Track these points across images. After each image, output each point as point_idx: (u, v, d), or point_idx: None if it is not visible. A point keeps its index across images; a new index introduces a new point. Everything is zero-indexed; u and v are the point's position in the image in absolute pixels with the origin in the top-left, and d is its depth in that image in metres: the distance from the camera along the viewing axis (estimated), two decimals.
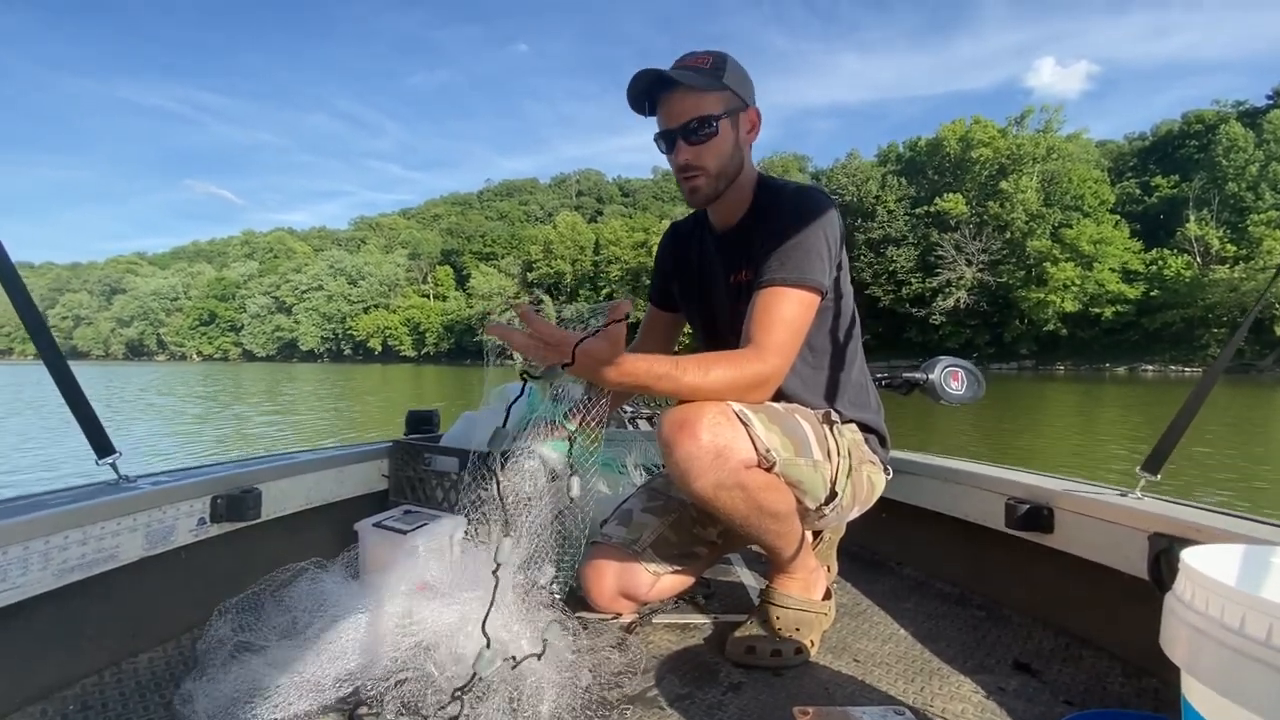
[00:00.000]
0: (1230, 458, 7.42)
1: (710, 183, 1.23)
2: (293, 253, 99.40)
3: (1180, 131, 49.71)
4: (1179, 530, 0.99)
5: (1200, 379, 1.08)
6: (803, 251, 1.16)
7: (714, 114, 1.18)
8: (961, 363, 1.47)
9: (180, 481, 1.19)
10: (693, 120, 1.18)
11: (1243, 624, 0.54)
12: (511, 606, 1.02)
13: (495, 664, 0.92)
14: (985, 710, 1.00)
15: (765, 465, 1.08)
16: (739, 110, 1.22)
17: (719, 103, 1.19)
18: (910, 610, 1.40)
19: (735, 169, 1.24)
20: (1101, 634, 1.20)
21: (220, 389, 22.54)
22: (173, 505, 1.16)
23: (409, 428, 1.85)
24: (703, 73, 1.19)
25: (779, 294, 1.15)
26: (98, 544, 1.03)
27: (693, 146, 1.20)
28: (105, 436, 1.10)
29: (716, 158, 1.21)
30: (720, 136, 1.20)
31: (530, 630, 1.01)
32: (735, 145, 1.22)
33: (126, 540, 1.08)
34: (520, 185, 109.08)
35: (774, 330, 1.13)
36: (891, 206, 50.14)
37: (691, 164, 1.21)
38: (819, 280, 1.16)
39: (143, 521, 1.10)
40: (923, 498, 1.59)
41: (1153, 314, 39.53)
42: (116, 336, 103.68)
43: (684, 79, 1.17)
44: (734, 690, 1.06)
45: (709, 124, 1.18)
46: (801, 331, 1.17)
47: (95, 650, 1.06)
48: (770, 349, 1.12)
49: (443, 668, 0.97)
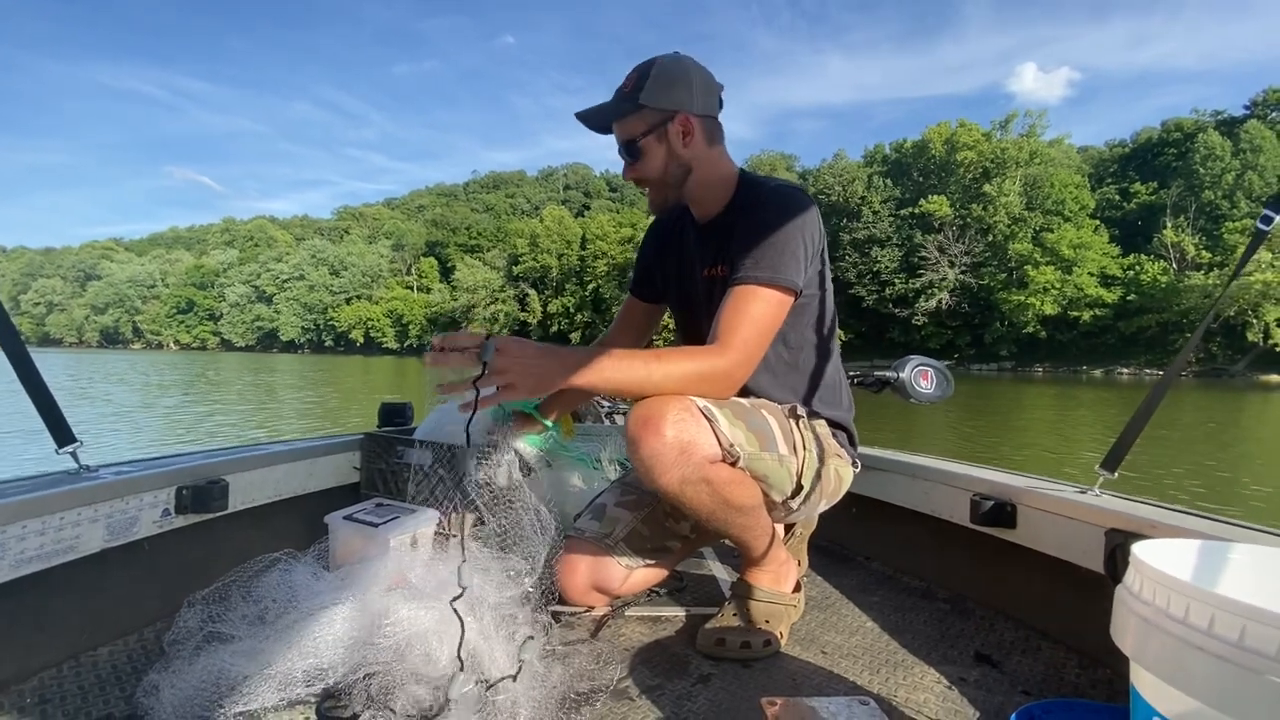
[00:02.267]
0: (1199, 455, 7.61)
1: (657, 193, 1.29)
2: (274, 241, 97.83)
3: (1159, 139, 50.73)
4: (1134, 526, 1.01)
5: (1156, 383, 1.11)
6: (777, 250, 1.16)
7: (634, 137, 1.24)
8: (931, 362, 1.49)
9: (144, 472, 1.17)
10: (624, 145, 1.26)
11: (1187, 614, 0.55)
12: (488, 623, 1.01)
13: (468, 687, 0.91)
14: (946, 700, 1.02)
15: (730, 460, 1.09)
16: (664, 123, 1.23)
17: (640, 124, 1.23)
18: (877, 603, 1.42)
19: (679, 176, 1.27)
20: (1060, 626, 1.23)
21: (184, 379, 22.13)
22: (136, 496, 1.13)
23: (381, 420, 1.83)
24: (622, 98, 1.23)
25: (750, 292, 1.15)
26: (56, 534, 1.01)
27: (634, 166, 1.27)
28: (66, 425, 1.08)
29: (654, 170, 1.26)
30: (648, 155, 1.24)
31: (506, 648, 0.99)
32: (667, 156, 1.25)
33: (87, 531, 1.05)
34: (507, 178, 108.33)
35: (740, 328, 1.14)
36: (877, 207, 50.57)
37: (638, 179, 1.28)
38: (792, 280, 1.16)
39: (104, 512, 1.08)
40: (891, 494, 1.62)
41: (1129, 318, 40.32)
42: (91, 324, 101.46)
43: (597, 116, 1.26)
44: (703, 681, 1.06)
45: (634, 147, 1.24)
46: (769, 330, 1.18)
47: (54, 643, 1.03)
48: (734, 346, 1.12)
49: (414, 666, 0.95)
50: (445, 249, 78.63)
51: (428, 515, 1.42)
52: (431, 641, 0.97)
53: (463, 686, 0.90)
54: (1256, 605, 0.51)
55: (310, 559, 1.25)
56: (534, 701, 0.96)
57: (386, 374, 28.58)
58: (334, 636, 1.00)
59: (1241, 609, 0.52)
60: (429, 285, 77.46)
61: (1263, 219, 1.00)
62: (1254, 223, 1.02)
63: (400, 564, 1.18)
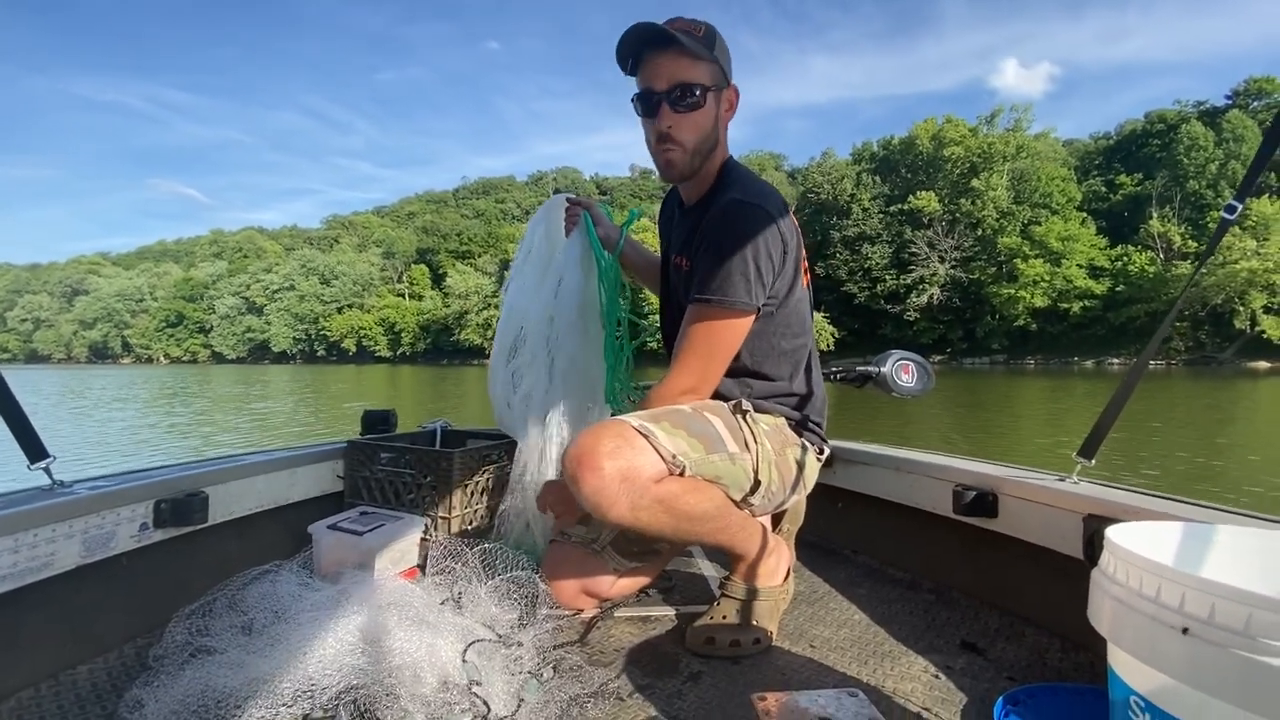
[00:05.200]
0: (1185, 442, 7.67)
1: (685, 157, 1.22)
2: (263, 252, 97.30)
3: (1143, 130, 51.15)
4: (1110, 511, 1.03)
5: (1129, 370, 1.12)
6: (726, 272, 1.14)
7: (702, 84, 1.17)
8: (912, 356, 1.50)
9: (120, 486, 1.15)
10: (680, 86, 1.16)
11: (1159, 594, 0.56)
12: (488, 653, 1.01)
13: (463, 719, 0.90)
14: (934, 688, 1.03)
15: (676, 471, 1.08)
16: (722, 87, 1.21)
17: (707, 74, 1.18)
18: (865, 596, 1.43)
19: (711, 147, 1.24)
20: (1042, 612, 1.24)
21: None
22: (112, 511, 1.12)
23: (365, 428, 1.81)
24: (697, 39, 1.17)
25: (703, 314, 1.17)
26: (30, 552, 0.99)
27: (676, 114, 1.18)
28: (38, 440, 1.06)
29: (697, 131, 1.20)
30: (704, 109, 1.19)
31: (504, 682, 0.98)
32: (715, 122, 1.22)
33: (62, 547, 1.04)
34: (497, 183, 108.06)
35: (693, 352, 1.18)
36: (866, 204, 50.76)
37: (672, 134, 1.20)
38: (742, 302, 1.15)
39: (79, 528, 1.06)
40: (876, 488, 1.62)
41: (1118, 309, 40.64)
42: (79, 339, 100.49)
43: (683, 40, 1.15)
44: (693, 680, 1.06)
45: (695, 93, 1.17)
46: (726, 350, 1.20)
47: (31, 662, 1.02)
48: (692, 370, 1.19)
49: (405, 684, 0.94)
50: (436, 256, 78.34)
51: (414, 523, 1.41)
52: (421, 660, 0.96)
53: (461, 717, 0.90)
54: (1225, 583, 0.52)
55: (295, 570, 1.24)
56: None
57: (379, 382, 28.45)
58: (324, 651, 0.99)
59: (1211, 587, 0.52)
60: (421, 292, 77.11)
61: (1227, 208, 1.02)
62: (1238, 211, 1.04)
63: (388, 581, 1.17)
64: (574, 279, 1.45)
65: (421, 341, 72.60)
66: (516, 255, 1.60)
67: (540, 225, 1.57)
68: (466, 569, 1.24)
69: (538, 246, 1.56)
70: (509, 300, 1.54)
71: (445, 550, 1.31)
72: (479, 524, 1.55)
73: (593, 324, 1.50)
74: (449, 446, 1.62)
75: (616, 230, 1.53)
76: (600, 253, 1.47)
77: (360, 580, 1.19)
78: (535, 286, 1.51)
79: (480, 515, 1.55)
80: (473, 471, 1.51)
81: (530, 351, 1.48)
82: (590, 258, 1.48)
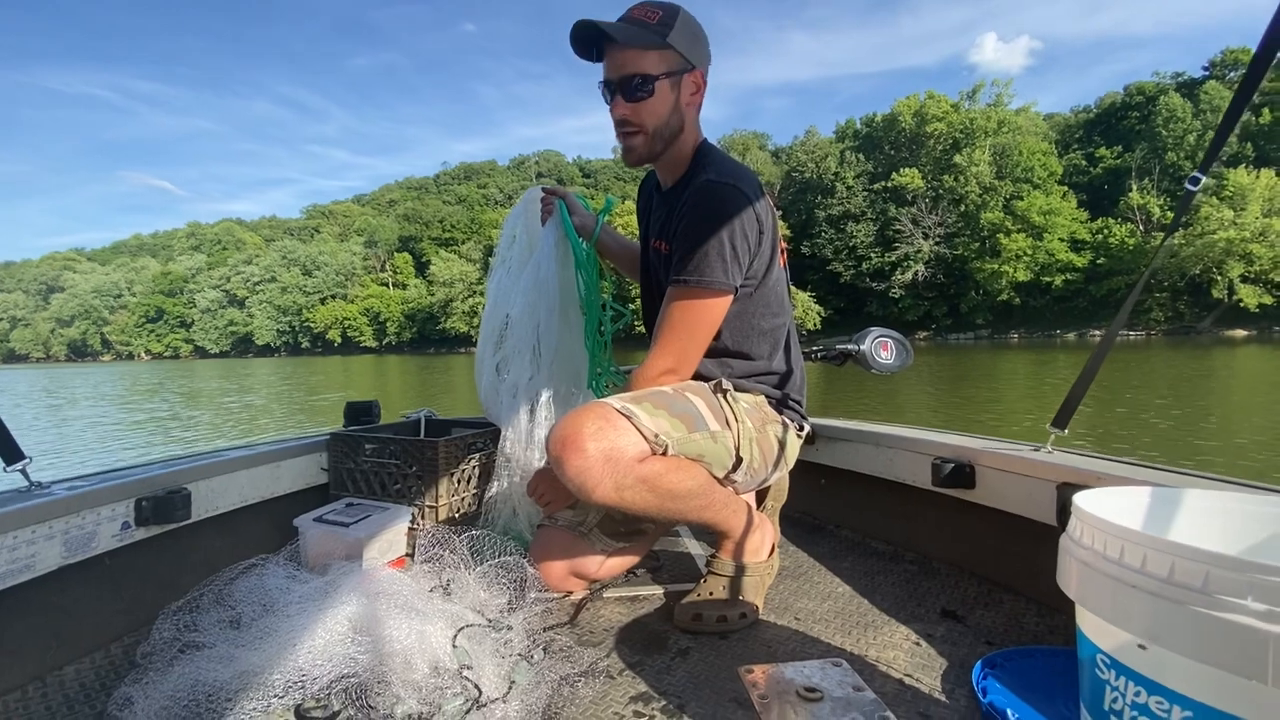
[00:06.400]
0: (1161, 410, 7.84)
1: (646, 142, 1.23)
2: (242, 244, 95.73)
3: (1123, 103, 51.39)
4: (1082, 479, 1.06)
5: (1099, 342, 1.14)
6: (703, 253, 1.15)
7: (652, 74, 1.17)
8: (890, 333, 1.52)
9: (100, 485, 1.14)
10: (631, 76, 1.17)
11: (1122, 555, 0.57)
12: (478, 637, 1.02)
13: (455, 703, 0.91)
14: (915, 655, 1.06)
15: (659, 451, 1.09)
16: (682, 71, 1.20)
17: (659, 62, 1.17)
18: (848, 569, 1.46)
19: (673, 132, 1.23)
20: (1018, 579, 1.28)
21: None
22: (92, 510, 1.10)
23: (348, 419, 1.81)
24: (647, 28, 1.16)
25: (681, 295, 1.18)
26: (10, 554, 0.98)
27: (630, 104, 1.19)
28: (13, 442, 1.05)
29: (654, 117, 1.21)
30: (656, 97, 1.19)
31: (495, 665, 0.99)
32: (674, 107, 1.21)
33: (43, 549, 1.03)
34: (478, 168, 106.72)
35: (673, 334, 1.19)
36: (850, 182, 50.77)
37: (629, 119, 1.21)
38: (720, 282, 1.16)
39: (59, 529, 1.05)
40: (858, 463, 1.65)
41: (1099, 281, 41.13)
42: (57, 337, 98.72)
43: (620, 36, 1.15)
44: (682, 655, 1.08)
45: (646, 84, 1.17)
46: (705, 330, 1.20)
47: (17, 665, 1.01)
48: (672, 352, 1.20)
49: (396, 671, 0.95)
50: (419, 243, 77.51)
51: (400, 513, 1.41)
52: (412, 647, 0.97)
53: (451, 703, 0.91)
54: (1183, 543, 0.53)
55: (282, 563, 1.24)
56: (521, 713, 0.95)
57: (365, 373, 28.23)
58: (314, 641, 0.99)
59: (1170, 547, 0.54)
60: (405, 281, 76.41)
61: (1191, 180, 1.03)
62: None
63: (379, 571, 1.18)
64: (551, 268, 1.47)
65: (407, 331, 72.07)
66: (499, 247, 1.62)
67: (520, 217, 1.60)
68: (455, 556, 1.25)
69: (519, 238, 1.59)
70: (493, 291, 1.56)
71: (433, 538, 1.31)
72: (466, 511, 1.55)
73: (573, 311, 1.52)
74: (434, 436, 1.62)
75: (593, 218, 1.55)
76: (576, 241, 1.48)
77: (348, 571, 1.20)
78: (517, 277, 1.54)
79: (467, 503, 1.56)
80: (458, 460, 1.51)
81: (514, 341, 1.50)
82: (566, 246, 1.49)
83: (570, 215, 1.50)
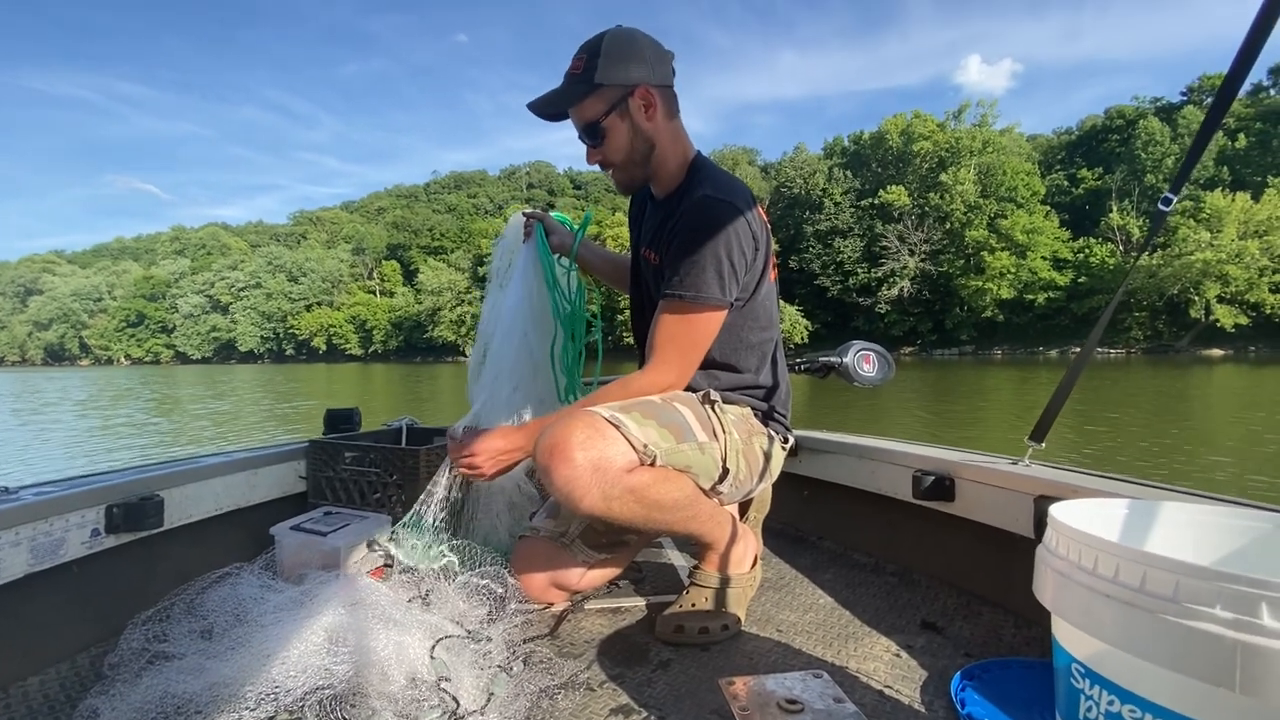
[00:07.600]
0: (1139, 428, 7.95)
1: (623, 174, 1.29)
2: (228, 249, 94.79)
3: (1104, 126, 52.58)
4: (1059, 491, 1.07)
5: (1076, 357, 1.17)
6: (699, 268, 1.16)
7: (596, 119, 1.22)
8: (873, 347, 1.54)
9: (69, 491, 1.11)
10: (584, 128, 1.24)
11: (1096, 565, 0.58)
12: (457, 648, 1.00)
13: (433, 715, 0.90)
14: (895, 666, 1.06)
15: (647, 461, 1.09)
16: (624, 99, 1.21)
17: (598, 103, 1.21)
18: (829, 581, 1.46)
19: (644, 154, 1.26)
20: (997, 591, 1.29)
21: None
22: (60, 517, 1.08)
23: (327, 427, 1.78)
24: (576, 80, 1.20)
25: (675, 309, 1.19)
26: None
27: (594, 150, 1.26)
28: None
29: (617, 153, 1.25)
30: (611, 135, 1.23)
31: (474, 677, 0.98)
32: (632, 133, 1.24)
33: (8, 555, 1.00)
34: (469, 177, 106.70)
35: (672, 348, 1.20)
36: (838, 199, 51.36)
37: (601, 162, 1.27)
38: (714, 296, 1.17)
39: (26, 535, 1.03)
40: (839, 475, 1.66)
41: (1081, 299, 41.78)
42: (34, 341, 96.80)
43: (556, 103, 1.23)
44: (663, 668, 1.08)
45: (596, 130, 1.23)
46: (700, 343, 1.21)
47: None
48: (668, 366, 1.20)
49: (372, 683, 0.93)
50: (408, 251, 77.05)
51: (379, 521, 1.40)
52: (389, 658, 0.95)
53: (430, 713, 0.90)
54: (1155, 553, 0.54)
55: (257, 573, 1.22)
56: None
57: (350, 381, 27.94)
58: (288, 652, 0.97)
59: (1142, 557, 0.55)
60: (392, 289, 75.95)
61: (1163, 200, 1.05)
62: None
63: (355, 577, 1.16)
64: (527, 287, 1.50)
65: (394, 339, 71.47)
66: (491, 271, 1.68)
67: (505, 243, 1.65)
68: (434, 566, 1.24)
69: (505, 262, 1.64)
70: (483, 312, 1.63)
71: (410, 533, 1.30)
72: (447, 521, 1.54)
73: (548, 327, 1.54)
74: (416, 444, 1.61)
75: (571, 236, 1.57)
76: (549, 260, 1.52)
77: (325, 580, 1.18)
78: (500, 298, 1.59)
79: (448, 513, 1.54)
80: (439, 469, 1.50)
81: (496, 357, 1.51)
82: (540, 266, 1.53)
83: (549, 235, 1.54)
